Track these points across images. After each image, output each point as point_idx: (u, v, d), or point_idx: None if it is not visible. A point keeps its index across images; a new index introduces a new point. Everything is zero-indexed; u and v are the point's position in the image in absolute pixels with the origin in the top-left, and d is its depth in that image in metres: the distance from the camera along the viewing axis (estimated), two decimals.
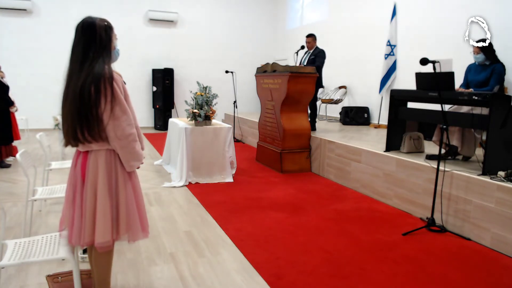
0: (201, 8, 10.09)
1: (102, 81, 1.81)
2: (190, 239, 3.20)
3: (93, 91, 1.79)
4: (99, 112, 1.82)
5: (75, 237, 1.92)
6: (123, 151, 1.92)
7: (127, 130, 1.88)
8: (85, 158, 1.93)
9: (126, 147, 1.91)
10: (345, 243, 3.16)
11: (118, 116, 1.85)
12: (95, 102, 1.80)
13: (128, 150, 1.92)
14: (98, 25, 1.88)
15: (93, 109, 1.81)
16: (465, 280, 2.60)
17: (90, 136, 1.85)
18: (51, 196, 2.98)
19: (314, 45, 6.23)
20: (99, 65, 1.83)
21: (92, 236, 1.91)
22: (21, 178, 4.87)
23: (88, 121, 1.82)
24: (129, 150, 1.92)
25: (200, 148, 4.96)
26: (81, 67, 1.83)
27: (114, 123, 1.85)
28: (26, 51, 8.68)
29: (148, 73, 9.76)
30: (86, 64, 1.83)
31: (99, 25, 1.88)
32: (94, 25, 1.87)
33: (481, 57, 4.01)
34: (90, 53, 1.84)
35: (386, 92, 6.56)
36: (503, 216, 3.04)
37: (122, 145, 1.89)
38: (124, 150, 1.91)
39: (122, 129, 1.87)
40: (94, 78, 1.80)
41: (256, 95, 6.92)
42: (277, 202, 4.19)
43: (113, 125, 1.85)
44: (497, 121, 3.39)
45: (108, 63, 1.89)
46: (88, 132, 1.84)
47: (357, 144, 4.93)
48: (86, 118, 1.82)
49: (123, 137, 1.88)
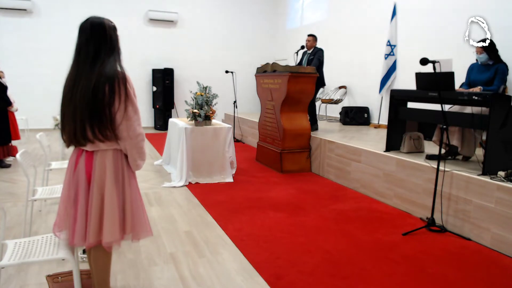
0: (201, 8, 10.09)
1: (117, 81, 1.81)
2: (190, 239, 3.20)
3: (107, 91, 1.79)
4: (113, 111, 1.83)
5: (78, 238, 1.90)
6: (133, 151, 1.93)
7: (138, 130, 1.90)
8: (90, 158, 1.92)
9: (136, 146, 1.93)
10: (345, 243, 3.16)
11: (131, 116, 1.86)
12: (109, 101, 1.81)
13: (137, 149, 1.94)
14: (108, 26, 1.89)
15: (106, 108, 1.81)
16: (465, 280, 2.60)
17: (101, 135, 1.84)
18: (51, 196, 2.98)
19: (313, 44, 6.23)
20: (111, 65, 1.83)
21: (98, 236, 1.90)
22: (21, 178, 4.87)
23: (101, 120, 1.82)
24: (138, 149, 1.95)
25: (200, 148, 4.96)
26: (92, 67, 1.82)
27: (127, 123, 1.86)
28: (26, 51, 8.68)
29: (148, 73, 9.76)
30: (97, 64, 1.82)
31: (109, 26, 1.89)
32: (103, 25, 1.87)
33: (484, 57, 4.01)
34: (101, 53, 1.84)
35: (386, 92, 6.56)
36: (503, 216, 3.04)
37: (133, 144, 1.91)
38: (134, 149, 1.93)
39: (134, 129, 1.88)
40: (108, 78, 1.80)
41: (256, 95, 6.92)
42: (277, 202, 4.19)
43: (126, 125, 1.86)
44: (497, 121, 3.39)
45: (120, 63, 1.89)
46: (99, 131, 1.83)
47: (357, 144, 4.93)
48: (99, 117, 1.81)
49: (134, 137, 1.90)
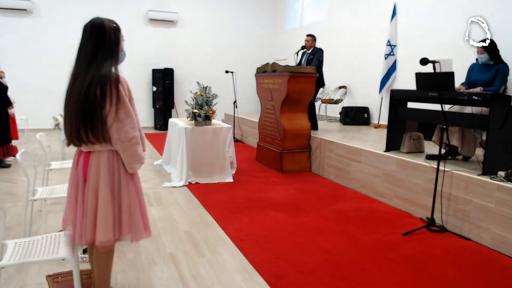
0: (201, 8, 10.09)
1: (108, 83, 1.81)
2: (190, 239, 3.20)
3: (98, 93, 1.79)
4: (104, 114, 1.82)
5: (77, 236, 1.94)
6: (126, 154, 1.92)
7: (130, 133, 1.89)
8: (87, 158, 1.94)
9: (128, 149, 1.91)
10: (345, 243, 3.16)
11: (122, 119, 1.85)
12: (100, 104, 1.80)
13: (130, 152, 1.92)
14: (108, 27, 1.88)
15: (98, 110, 1.81)
16: (465, 280, 2.60)
17: (93, 137, 1.85)
18: (51, 196, 2.98)
19: (313, 44, 6.23)
20: (106, 67, 1.83)
21: (93, 235, 1.91)
22: (21, 178, 4.87)
23: (92, 122, 1.82)
24: (132, 152, 1.93)
25: (200, 148, 4.96)
26: (88, 68, 1.83)
27: (118, 125, 1.85)
28: (26, 51, 8.68)
29: (148, 73, 9.77)
30: (93, 65, 1.83)
31: (109, 27, 1.88)
32: (103, 27, 1.87)
33: (485, 57, 4.00)
34: (99, 54, 1.84)
35: (386, 92, 6.56)
36: (503, 216, 3.04)
37: (124, 147, 1.90)
38: (127, 152, 1.92)
39: (126, 132, 1.87)
40: (100, 80, 1.80)
41: (256, 95, 6.92)
42: (277, 202, 4.19)
43: (116, 128, 1.85)
44: (497, 121, 3.39)
45: (115, 66, 1.89)
46: (92, 133, 1.84)
47: (357, 144, 4.93)
48: (90, 119, 1.82)
49: (126, 140, 1.88)
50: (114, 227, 1.94)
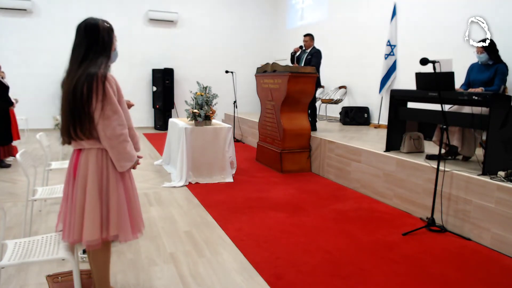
0: (201, 8, 10.08)
1: (95, 80, 1.83)
2: (190, 239, 3.20)
3: (85, 90, 1.82)
4: (91, 110, 1.84)
5: (66, 234, 1.96)
6: (113, 151, 1.92)
7: (117, 130, 1.89)
8: (78, 156, 1.95)
9: (116, 147, 1.91)
10: (345, 243, 3.16)
11: (109, 115, 1.86)
12: (87, 100, 1.83)
13: (118, 150, 1.92)
14: (102, 27, 1.92)
15: (85, 107, 1.84)
16: (465, 280, 2.60)
17: (81, 133, 1.87)
18: (51, 196, 2.98)
19: (311, 44, 6.23)
20: (95, 66, 1.86)
21: (81, 233, 1.91)
22: (21, 178, 4.87)
23: (80, 118, 1.85)
24: (119, 150, 1.92)
25: (200, 148, 4.96)
26: (79, 66, 1.86)
27: (104, 122, 1.86)
28: (26, 51, 8.68)
29: (148, 73, 9.76)
30: (84, 64, 1.86)
31: (102, 27, 1.92)
32: (97, 27, 1.91)
33: (485, 56, 4.01)
34: (90, 54, 1.88)
35: (386, 92, 6.55)
36: (503, 216, 3.04)
37: (112, 144, 1.90)
38: (114, 150, 1.91)
39: (113, 129, 1.87)
40: (87, 77, 1.83)
41: (256, 95, 6.91)
42: (277, 202, 4.19)
43: (103, 124, 1.86)
44: (497, 121, 3.39)
45: (105, 64, 1.91)
46: (80, 129, 1.86)
47: (357, 144, 4.93)
48: (78, 115, 1.85)
49: (113, 137, 1.88)
50: (102, 226, 1.93)
